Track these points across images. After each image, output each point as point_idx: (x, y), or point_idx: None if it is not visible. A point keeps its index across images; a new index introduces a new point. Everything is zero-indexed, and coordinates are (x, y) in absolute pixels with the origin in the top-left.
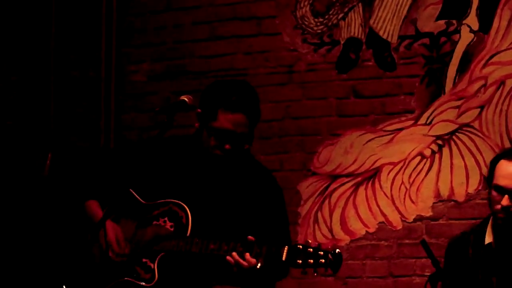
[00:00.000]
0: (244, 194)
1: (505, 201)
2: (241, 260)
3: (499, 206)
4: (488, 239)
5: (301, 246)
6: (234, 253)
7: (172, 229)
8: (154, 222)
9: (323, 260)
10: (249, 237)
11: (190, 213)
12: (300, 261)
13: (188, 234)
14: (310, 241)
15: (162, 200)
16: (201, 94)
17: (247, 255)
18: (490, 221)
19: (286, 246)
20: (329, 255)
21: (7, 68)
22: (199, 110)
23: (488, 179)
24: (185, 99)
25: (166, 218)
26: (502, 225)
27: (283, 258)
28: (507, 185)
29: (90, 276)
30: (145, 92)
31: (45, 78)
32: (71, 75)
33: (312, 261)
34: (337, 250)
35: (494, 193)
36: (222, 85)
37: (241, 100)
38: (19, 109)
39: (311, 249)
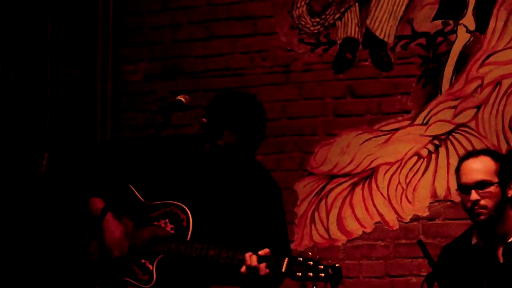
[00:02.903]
0: (245, 198)
1: (473, 195)
2: (256, 265)
3: (469, 204)
4: (475, 239)
5: (301, 259)
6: (254, 257)
7: (172, 232)
8: (155, 223)
9: (322, 274)
10: (267, 250)
11: (192, 216)
12: (300, 274)
13: (188, 238)
14: (310, 253)
15: (164, 201)
16: (209, 104)
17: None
18: None
19: (287, 258)
20: (329, 269)
21: (4, 67)
22: (204, 120)
23: (458, 186)
24: (182, 99)
25: (166, 220)
26: (484, 221)
27: (283, 270)
28: (469, 181)
29: (87, 274)
30: (141, 92)
31: (42, 77)
32: (68, 74)
33: (311, 274)
34: (337, 264)
35: (462, 194)
36: (232, 104)
37: (249, 126)
38: (15, 108)
39: (311, 262)
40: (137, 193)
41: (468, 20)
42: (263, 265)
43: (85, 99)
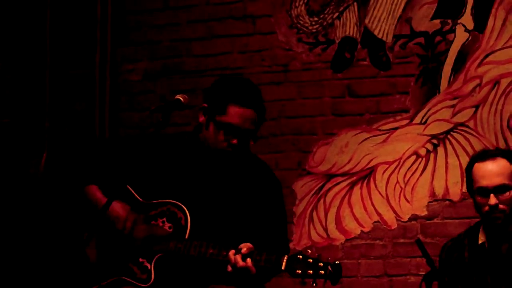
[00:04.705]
0: (244, 194)
1: (492, 200)
2: (240, 262)
3: (487, 208)
4: (481, 239)
5: (301, 256)
6: (238, 256)
7: (170, 230)
8: (152, 222)
9: (322, 272)
10: (250, 244)
11: (189, 214)
12: (300, 271)
13: (186, 236)
14: (309, 251)
15: (161, 200)
16: (207, 90)
17: (248, 260)
18: None
19: (286, 256)
20: (329, 266)
21: (3, 66)
22: (205, 105)
23: (469, 187)
24: (180, 98)
25: (164, 219)
26: (499, 224)
27: (283, 267)
28: (489, 184)
29: (86, 273)
30: (140, 91)
31: (40, 77)
32: (67, 73)
33: (311, 271)
34: (337, 261)
35: (478, 197)
36: (232, 81)
37: (251, 95)
38: (14, 108)
39: (311, 260)
40: (134, 192)
41: (467, 19)
42: (238, 257)
43: (84, 98)
